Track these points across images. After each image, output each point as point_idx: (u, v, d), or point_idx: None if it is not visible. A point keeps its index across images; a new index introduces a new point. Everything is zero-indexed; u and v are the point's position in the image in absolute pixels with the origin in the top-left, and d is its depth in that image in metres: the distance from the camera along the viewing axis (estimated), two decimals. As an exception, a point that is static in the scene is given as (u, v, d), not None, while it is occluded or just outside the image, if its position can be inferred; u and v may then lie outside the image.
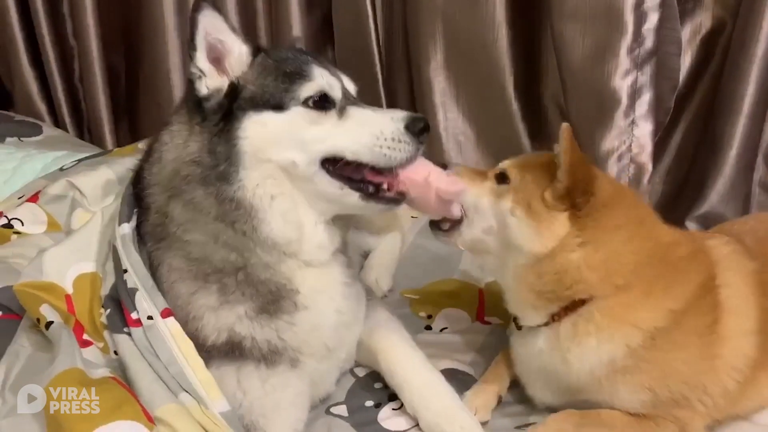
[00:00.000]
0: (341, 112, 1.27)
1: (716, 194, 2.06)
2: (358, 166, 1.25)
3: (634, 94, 1.92)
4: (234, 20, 2.49)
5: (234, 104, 1.23)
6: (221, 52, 1.26)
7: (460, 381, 1.49)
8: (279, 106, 1.23)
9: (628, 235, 1.28)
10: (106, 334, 1.34)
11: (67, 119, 2.83)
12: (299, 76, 1.25)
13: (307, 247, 1.28)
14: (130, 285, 1.30)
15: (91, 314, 1.38)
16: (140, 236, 1.36)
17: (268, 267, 1.26)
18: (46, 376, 1.16)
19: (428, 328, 1.71)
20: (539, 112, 2.25)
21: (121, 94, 2.83)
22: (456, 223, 1.37)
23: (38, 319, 1.33)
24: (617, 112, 1.94)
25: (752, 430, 1.37)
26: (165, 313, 1.25)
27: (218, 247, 1.25)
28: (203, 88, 1.24)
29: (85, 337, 1.35)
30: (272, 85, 1.24)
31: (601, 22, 1.89)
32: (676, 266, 1.30)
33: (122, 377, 1.24)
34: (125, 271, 1.31)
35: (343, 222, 1.36)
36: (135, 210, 1.39)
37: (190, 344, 1.23)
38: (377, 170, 1.26)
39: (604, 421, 1.30)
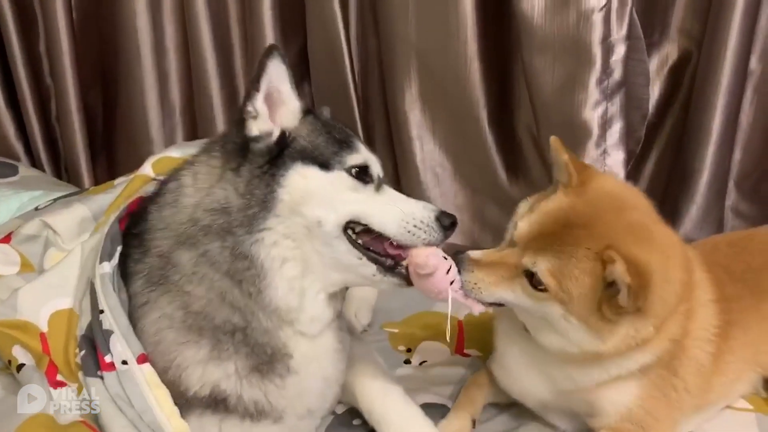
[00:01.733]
0: (378, 188, 1.31)
1: (690, 221, 2.10)
2: (379, 237, 1.26)
3: (605, 124, 1.96)
4: (210, 57, 2.51)
5: (285, 151, 1.25)
6: (276, 101, 1.28)
7: (440, 414, 1.47)
8: (325, 166, 1.25)
9: (680, 294, 1.25)
10: (80, 375, 1.31)
11: (44, 159, 2.81)
12: (347, 145, 1.29)
13: (303, 317, 1.27)
14: (105, 326, 1.27)
15: (66, 354, 1.35)
16: (123, 273, 1.34)
17: (267, 332, 1.25)
18: (14, 421, 1.14)
19: (407, 362, 1.70)
20: (513, 143, 2.28)
21: (98, 133, 2.83)
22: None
23: (9, 362, 1.31)
24: (589, 142, 1.97)
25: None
26: (141, 359, 1.22)
27: (223, 307, 1.23)
28: (254, 129, 1.26)
29: (59, 378, 1.33)
30: (323, 145, 1.27)
31: (569, 55, 1.93)
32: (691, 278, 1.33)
33: (93, 420, 1.22)
34: (102, 311, 1.29)
35: (341, 295, 1.36)
36: (118, 248, 1.36)
37: (166, 392, 1.21)
38: (397, 246, 1.26)
39: None
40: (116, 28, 2.62)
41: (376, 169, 1.32)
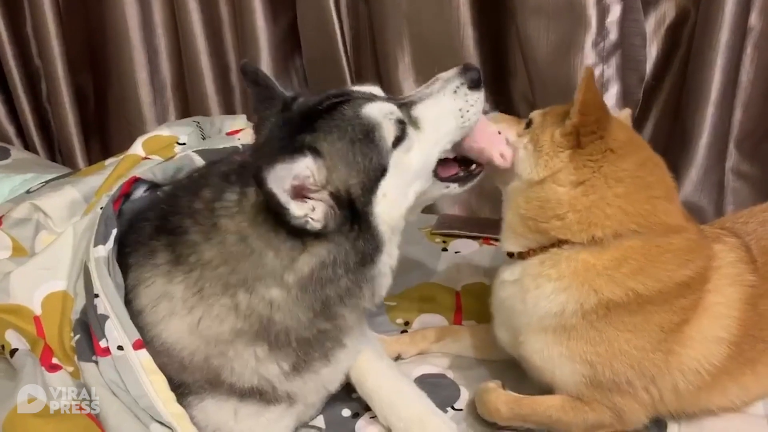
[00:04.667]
0: (413, 122, 1.25)
1: (690, 183, 2.07)
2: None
3: (602, 87, 1.92)
4: (199, 33, 2.47)
5: (356, 206, 1.16)
6: (303, 187, 1.13)
7: (439, 386, 1.47)
8: (383, 170, 1.18)
9: (625, 191, 1.26)
10: (75, 359, 1.30)
11: (37, 141, 2.79)
12: (369, 133, 1.17)
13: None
14: (100, 311, 1.25)
15: (61, 337, 1.34)
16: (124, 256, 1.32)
17: (347, 329, 1.29)
18: (6, 406, 1.13)
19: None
20: (510, 111, 2.22)
21: (90, 113, 2.80)
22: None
23: (3, 346, 1.30)
24: (585, 106, 1.93)
25: (743, 420, 1.35)
26: (137, 345, 1.21)
27: (318, 320, 1.21)
28: (316, 225, 1.13)
29: (54, 361, 1.32)
30: (363, 161, 1.16)
31: (564, 17, 1.88)
32: (662, 253, 1.27)
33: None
34: (96, 295, 1.27)
35: None
36: (113, 231, 1.34)
37: (162, 378, 1.20)
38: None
39: (539, 408, 1.32)
40: (102, 7, 2.57)
41: (395, 110, 1.22)
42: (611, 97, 1.94)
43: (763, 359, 1.33)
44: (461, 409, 1.43)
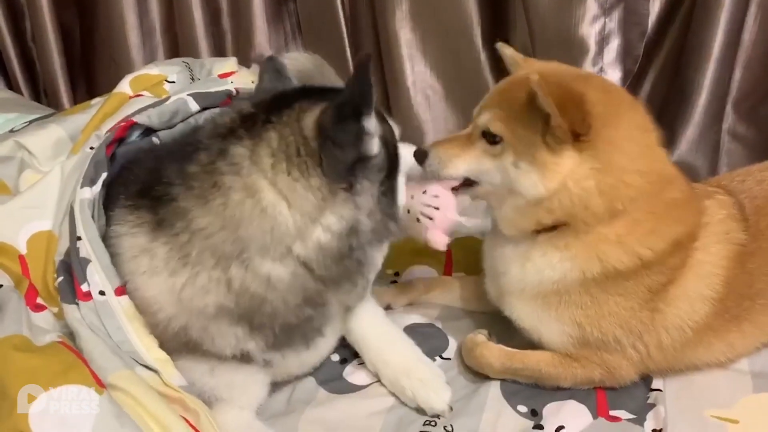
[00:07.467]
0: None
1: (686, 143, 2.04)
2: None
3: (602, 41, 1.88)
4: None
5: (395, 162, 1.22)
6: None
7: (427, 335, 1.48)
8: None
9: (636, 149, 1.21)
10: (59, 299, 1.28)
11: (21, 81, 2.70)
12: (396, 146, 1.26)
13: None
14: (82, 254, 1.23)
15: (45, 277, 1.32)
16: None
17: (333, 316, 1.28)
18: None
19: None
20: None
21: (76, 53, 2.71)
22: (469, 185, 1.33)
23: (-13, 282, 1.28)
24: (585, 59, 1.90)
25: (727, 375, 1.36)
26: (119, 291, 1.19)
27: (306, 307, 1.19)
28: (374, 147, 1.16)
29: (39, 301, 1.30)
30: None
31: (567, -34, 1.83)
32: (666, 210, 1.25)
33: (72, 342, 1.20)
34: (79, 238, 1.25)
35: None
36: (103, 174, 1.30)
37: (142, 324, 1.18)
38: None
39: (529, 362, 1.33)
40: (89, -58, 2.48)
41: None
42: (612, 51, 1.91)
43: (749, 317, 1.34)
44: (449, 358, 1.44)
